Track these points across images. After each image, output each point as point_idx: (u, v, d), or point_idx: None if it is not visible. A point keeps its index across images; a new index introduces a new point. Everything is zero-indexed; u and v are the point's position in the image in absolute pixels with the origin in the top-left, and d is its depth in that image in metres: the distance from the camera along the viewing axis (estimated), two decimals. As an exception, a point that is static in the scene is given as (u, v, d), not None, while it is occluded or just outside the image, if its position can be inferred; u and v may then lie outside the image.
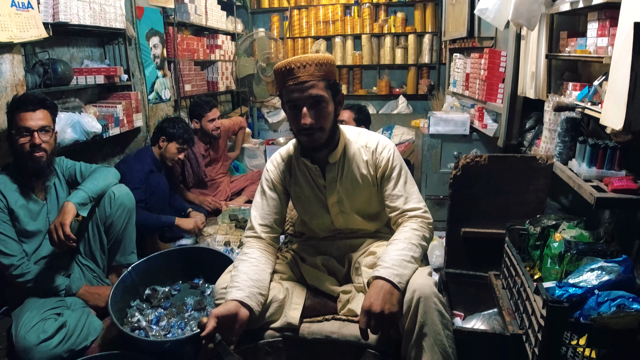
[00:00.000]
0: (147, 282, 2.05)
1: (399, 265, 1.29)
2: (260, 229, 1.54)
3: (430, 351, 1.26)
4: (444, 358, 1.27)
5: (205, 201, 3.24)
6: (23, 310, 1.75)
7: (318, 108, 1.37)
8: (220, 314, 1.26)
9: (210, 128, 3.25)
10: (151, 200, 2.62)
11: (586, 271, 1.42)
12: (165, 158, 2.77)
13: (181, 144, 2.76)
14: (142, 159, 2.70)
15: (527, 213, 2.00)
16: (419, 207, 1.49)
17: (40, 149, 1.81)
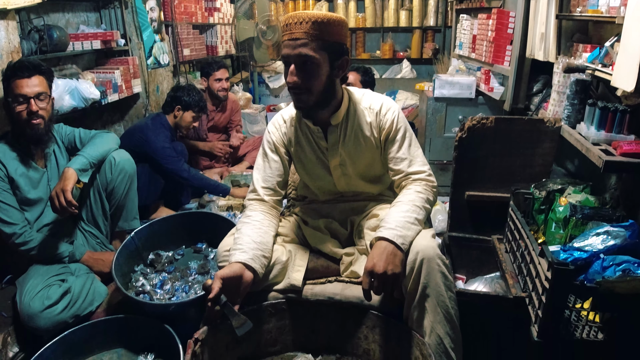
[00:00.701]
0: (150, 247, 2.06)
1: (402, 226, 1.28)
2: (263, 192, 1.52)
3: (432, 312, 1.27)
4: (446, 319, 1.28)
5: (215, 147, 3.25)
6: (27, 278, 1.76)
7: (306, 69, 1.32)
8: (225, 275, 1.26)
9: (216, 87, 3.27)
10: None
11: (592, 235, 1.41)
12: (180, 126, 2.78)
13: (197, 112, 2.77)
14: (160, 126, 2.69)
15: (533, 177, 1.98)
16: (423, 170, 1.46)
17: (38, 115, 1.78)
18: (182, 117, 2.75)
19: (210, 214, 2.16)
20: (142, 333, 1.68)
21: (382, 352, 1.40)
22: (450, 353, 1.28)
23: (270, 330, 1.46)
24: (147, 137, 2.58)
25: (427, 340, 1.27)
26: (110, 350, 1.72)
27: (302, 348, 1.50)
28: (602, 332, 1.25)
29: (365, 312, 1.41)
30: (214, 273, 1.26)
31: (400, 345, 1.33)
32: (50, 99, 1.85)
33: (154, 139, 2.57)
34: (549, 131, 1.96)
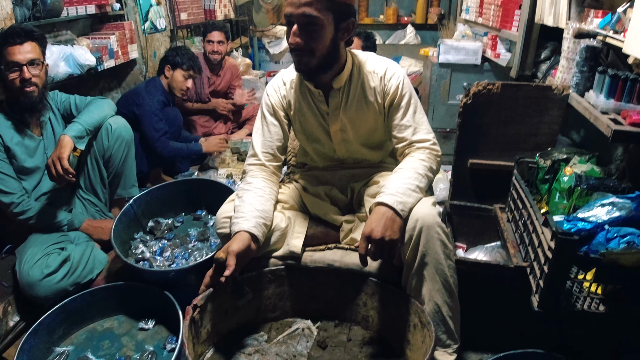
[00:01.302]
0: (149, 214, 2.05)
1: (403, 193, 1.25)
2: (263, 157, 1.49)
3: (431, 280, 1.26)
4: (444, 287, 1.27)
5: (219, 104, 3.22)
6: (26, 247, 1.76)
7: (309, 30, 1.26)
8: (239, 250, 1.25)
9: (208, 49, 3.25)
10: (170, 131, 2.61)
11: (596, 206, 1.39)
12: (173, 88, 2.71)
13: (186, 70, 2.68)
14: (153, 90, 2.64)
15: (538, 146, 1.95)
16: (428, 138, 1.42)
17: (31, 83, 1.73)
18: (173, 77, 2.69)
19: (209, 181, 2.14)
20: (143, 300, 1.70)
21: (381, 319, 1.40)
22: (447, 321, 1.29)
23: (269, 297, 1.46)
24: (139, 101, 2.54)
25: (424, 308, 1.27)
26: (111, 317, 1.74)
27: (301, 314, 1.51)
28: (604, 304, 1.24)
29: (365, 279, 1.41)
30: (229, 249, 1.24)
31: (399, 312, 1.34)
32: (43, 66, 1.80)
33: (144, 103, 2.53)
34: (557, 99, 1.91)
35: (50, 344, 1.57)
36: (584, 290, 1.24)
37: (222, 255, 1.23)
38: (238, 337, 1.42)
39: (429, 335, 1.18)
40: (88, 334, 1.66)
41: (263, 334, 1.44)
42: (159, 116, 2.54)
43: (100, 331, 1.68)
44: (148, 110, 2.50)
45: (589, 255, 1.17)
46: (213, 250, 1.81)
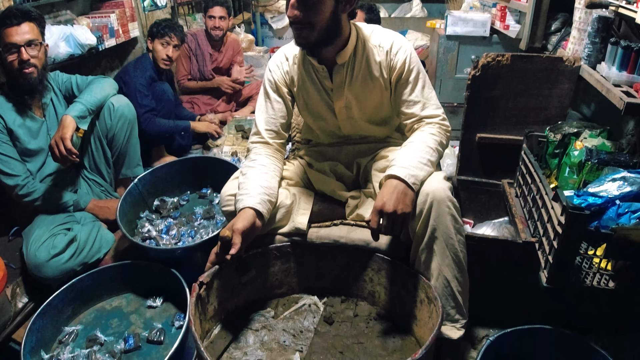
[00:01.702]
0: (155, 193, 2.05)
1: (414, 166, 1.22)
2: (267, 134, 1.46)
3: (441, 255, 1.25)
4: (454, 262, 1.26)
5: (223, 82, 3.18)
6: (32, 228, 1.76)
7: (308, 2, 1.22)
8: (244, 228, 1.24)
9: (209, 25, 3.18)
10: (159, 107, 2.56)
11: (607, 181, 1.36)
12: (156, 60, 2.64)
13: (161, 37, 2.60)
14: (142, 65, 2.60)
15: (548, 119, 1.90)
16: (438, 113, 1.39)
17: (29, 64, 1.70)
18: (154, 49, 2.63)
19: (213, 158, 2.12)
20: (150, 278, 1.71)
21: (388, 295, 1.40)
22: (457, 296, 1.28)
23: (275, 273, 1.46)
24: (126, 78, 2.51)
25: (433, 283, 1.27)
26: (119, 295, 1.76)
27: (308, 290, 1.51)
28: (614, 280, 1.22)
29: (371, 255, 1.40)
30: (235, 227, 1.23)
31: (405, 288, 1.33)
32: (42, 47, 1.77)
33: (130, 80, 2.49)
34: (568, 71, 1.86)
35: (59, 324, 1.59)
36: (593, 266, 1.23)
37: (227, 233, 1.22)
38: (245, 313, 1.43)
39: (435, 310, 1.18)
40: (97, 313, 1.68)
41: (270, 310, 1.44)
42: (144, 92, 2.50)
43: (108, 310, 1.70)
44: (133, 87, 2.47)
45: (599, 231, 1.15)
46: (219, 228, 1.81)
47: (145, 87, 2.52)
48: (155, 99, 2.57)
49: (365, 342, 1.33)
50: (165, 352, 1.34)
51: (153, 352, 1.50)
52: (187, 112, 2.96)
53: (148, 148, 2.56)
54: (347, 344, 1.32)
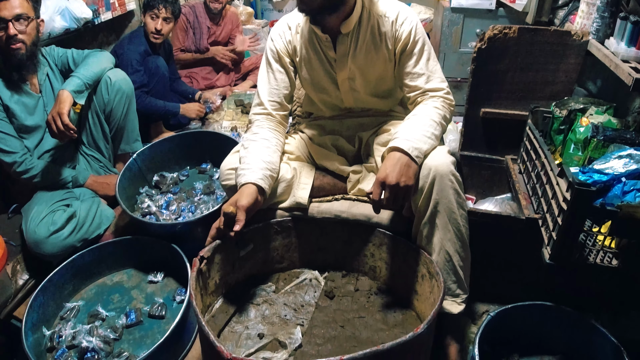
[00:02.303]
0: (154, 168, 2.03)
1: (418, 139, 1.20)
2: (270, 105, 1.43)
3: (443, 229, 1.24)
4: (456, 237, 1.25)
5: (218, 53, 3.12)
6: (31, 205, 1.75)
7: None
8: (248, 204, 1.22)
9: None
10: (152, 83, 2.50)
11: (613, 158, 1.34)
12: (147, 33, 2.56)
13: (150, 10, 2.51)
14: (136, 39, 2.53)
15: (554, 95, 1.86)
16: (442, 87, 1.35)
17: (17, 40, 1.65)
18: (145, 23, 2.55)
19: (213, 133, 2.09)
20: (151, 253, 1.70)
21: (389, 270, 1.40)
22: (458, 271, 1.28)
23: (276, 248, 1.46)
24: (119, 52, 2.44)
25: (435, 258, 1.26)
26: (120, 271, 1.76)
27: (309, 265, 1.51)
28: (617, 258, 1.21)
29: (372, 230, 1.39)
30: (239, 204, 1.22)
31: (407, 263, 1.33)
32: (33, 22, 1.71)
33: (121, 55, 2.42)
34: (575, 45, 1.81)
35: (60, 300, 1.59)
36: (597, 244, 1.22)
37: (231, 209, 1.21)
38: (246, 288, 1.43)
39: (437, 285, 1.18)
40: (98, 289, 1.69)
41: (271, 284, 1.45)
42: (135, 67, 2.43)
43: (109, 285, 1.70)
44: (124, 63, 2.40)
45: (605, 208, 1.13)
46: (219, 203, 1.80)
47: (137, 62, 2.45)
48: (149, 74, 2.51)
49: (366, 316, 1.33)
50: (167, 327, 1.35)
51: (155, 327, 1.51)
52: (186, 86, 2.90)
53: (146, 124, 2.53)
54: (348, 318, 1.33)
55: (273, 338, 1.26)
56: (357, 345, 1.24)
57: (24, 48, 1.69)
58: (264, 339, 1.26)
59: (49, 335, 1.46)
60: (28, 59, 1.72)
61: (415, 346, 1.00)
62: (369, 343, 1.24)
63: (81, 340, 1.41)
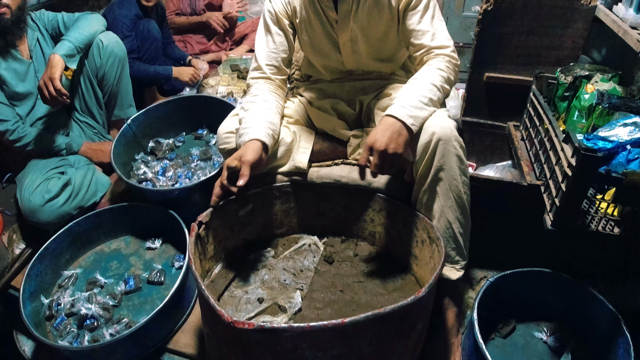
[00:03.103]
0: (149, 134, 1.99)
1: (415, 105, 1.15)
2: (268, 69, 1.38)
3: (444, 197, 1.22)
4: (457, 204, 1.23)
5: (211, 17, 3.02)
6: (26, 173, 1.73)
7: None
8: (254, 159, 1.18)
9: None
10: (143, 48, 2.42)
11: (618, 125, 1.32)
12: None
13: None
14: (126, 3, 2.42)
15: (560, 60, 1.82)
16: (448, 44, 1.29)
17: (1, 4, 1.60)
18: None
19: (209, 97, 2.04)
20: (148, 220, 1.69)
21: (388, 235, 1.40)
22: (458, 238, 1.27)
23: (275, 213, 1.45)
24: (110, 16, 2.34)
25: (435, 224, 1.25)
26: (118, 238, 1.75)
27: (308, 230, 1.50)
28: (619, 226, 1.21)
29: (372, 195, 1.38)
30: (244, 159, 1.17)
31: (407, 228, 1.32)
32: None
33: (111, 19, 2.32)
34: (583, 10, 1.76)
35: (58, 268, 1.58)
36: (599, 211, 1.21)
37: (236, 163, 1.16)
38: (245, 253, 1.43)
39: (437, 250, 1.17)
40: (95, 256, 1.68)
41: (270, 249, 1.44)
42: (125, 33, 2.33)
43: (107, 252, 1.69)
44: (114, 29, 2.30)
45: (610, 174, 1.12)
46: (216, 169, 1.77)
47: (127, 28, 2.36)
48: (140, 38, 2.42)
49: (365, 281, 1.34)
50: (166, 292, 1.34)
51: (154, 293, 1.51)
52: (180, 51, 2.81)
53: (140, 90, 2.47)
54: (348, 283, 1.33)
55: (273, 302, 1.26)
56: (357, 310, 1.25)
57: (9, 13, 1.63)
58: (263, 304, 1.26)
59: (47, 304, 1.46)
60: (14, 24, 1.67)
61: (416, 310, 1.00)
62: (369, 307, 1.25)
63: (80, 308, 1.41)
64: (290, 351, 0.90)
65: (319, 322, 0.86)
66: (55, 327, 1.40)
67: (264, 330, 0.86)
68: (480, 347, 1.13)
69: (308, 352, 0.90)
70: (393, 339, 0.97)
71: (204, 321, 1.15)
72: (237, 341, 0.93)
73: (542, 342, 1.36)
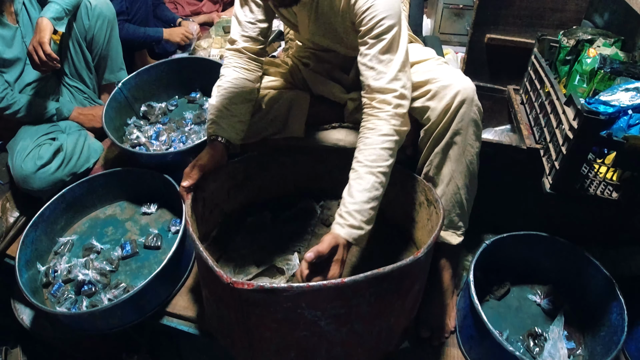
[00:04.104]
0: (141, 98, 1.94)
1: (361, 218, 1.04)
2: (242, 40, 1.31)
3: (455, 162, 1.20)
4: (468, 170, 1.21)
5: None
6: (16, 140, 1.69)
7: None
8: (205, 163, 1.20)
9: None
10: (133, 9, 2.33)
11: (620, 90, 1.30)
12: None
13: None
14: None
15: (563, 23, 1.79)
16: (393, 88, 1.08)
17: None
18: None
19: (201, 59, 1.97)
20: (143, 184, 1.67)
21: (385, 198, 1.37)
22: (464, 204, 1.26)
23: (272, 177, 1.43)
24: None
25: (443, 189, 1.23)
26: (113, 203, 1.73)
27: (305, 193, 1.50)
28: (617, 191, 1.20)
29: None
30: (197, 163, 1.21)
31: (404, 191, 1.32)
32: None
33: None
34: (588, -30, 1.71)
35: (53, 235, 1.57)
36: (598, 175, 1.20)
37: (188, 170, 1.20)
38: (241, 216, 1.42)
39: (436, 212, 1.17)
40: (91, 222, 1.66)
41: (267, 213, 1.43)
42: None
43: (103, 218, 1.68)
44: None
45: (612, 138, 1.10)
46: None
47: None
48: (129, 1, 2.34)
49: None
50: (163, 257, 1.34)
51: (151, 257, 1.51)
52: (170, 13, 2.72)
53: (131, 54, 2.39)
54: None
55: (270, 264, 1.27)
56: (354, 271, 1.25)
57: None
58: (261, 266, 1.26)
59: (43, 271, 1.45)
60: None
61: (414, 270, 1.01)
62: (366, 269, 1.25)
63: (77, 274, 1.40)
64: (289, 310, 0.90)
65: (318, 282, 0.86)
66: (52, 294, 1.40)
67: (263, 290, 0.86)
68: (476, 307, 1.15)
69: (307, 311, 0.90)
70: (391, 299, 0.98)
71: (202, 283, 1.16)
72: (236, 302, 0.94)
73: (536, 304, 1.39)
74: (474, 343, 1.22)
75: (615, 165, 1.17)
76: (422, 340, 1.26)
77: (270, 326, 0.94)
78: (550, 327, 1.30)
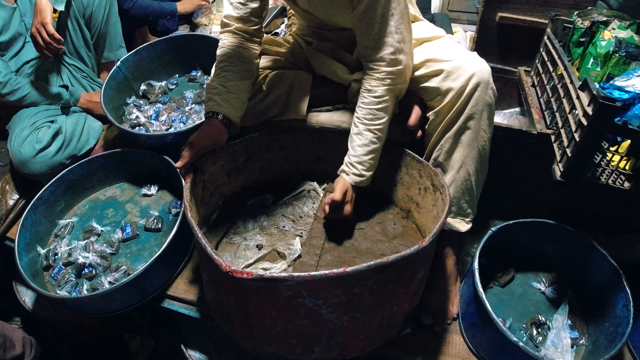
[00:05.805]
0: (140, 77, 1.90)
1: (363, 167, 1.20)
2: (235, 22, 1.27)
3: (467, 147, 1.16)
4: (479, 156, 1.18)
5: None
6: (14, 123, 1.66)
7: None
8: (199, 140, 1.17)
9: None
10: None
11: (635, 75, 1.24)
12: None
13: None
14: None
15: (577, 4, 1.72)
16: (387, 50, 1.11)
17: None
18: None
19: (201, 36, 1.91)
20: (143, 166, 1.64)
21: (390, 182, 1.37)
22: (473, 191, 1.23)
23: (274, 159, 1.41)
24: None
25: (453, 175, 1.20)
26: (113, 185, 1.71)
27: (307, 176, 1.47)
28: (629, 181, 1.17)
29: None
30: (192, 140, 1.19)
31: (409, 175, 1.29)
32: None
33: None
34: (605, -54, 1.62)
35: (53, 218, 1.55)
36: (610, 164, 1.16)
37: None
38: (243, 199, 1.40)
39: (442, 198, 1.14)
40: (91, 204, 1.64)
41: (268, 196, 1.41)
42: None
43: (103, 200, 1.65)
44: None
45: (627, 126, 1.06)
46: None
47: None
48: None
49: (365, 227, 1.32)
50: (164, 239, 1.32)
51: (151, 240, 1.49)
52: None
53: (130, 31, 2.33)
54: (347, 229, 1.30)
55: (272, 249, 1.25)
56: (357, 256, 1.23)
57: None
58: (262, 250, 1.24)
59: (44, 254, 1.44)
60: None
61: (419, 259, 0.98)
62: (369, 254, 1.24)
63: (77, 257, 1.39)
64: (290, 299, 0.88)
65: (319, 272, 0.84)
66: (53, 277, 1.39)
67: (262, 279, 0.84)
68: (479, 295, 1.13)
69: (308, 299, 0.89)
70: (394, 287, 0.96)
71: (202, 268, 1.14)
72: (236, 290, 0.92)
73: (540, 292, 1.37)
74: (477, 331, 1.21)
75: (629, 154, 1.12)
76: (424, 327, 1.25)
77: (271, 314, 0.93)
78: (554, 315, 1.29)
